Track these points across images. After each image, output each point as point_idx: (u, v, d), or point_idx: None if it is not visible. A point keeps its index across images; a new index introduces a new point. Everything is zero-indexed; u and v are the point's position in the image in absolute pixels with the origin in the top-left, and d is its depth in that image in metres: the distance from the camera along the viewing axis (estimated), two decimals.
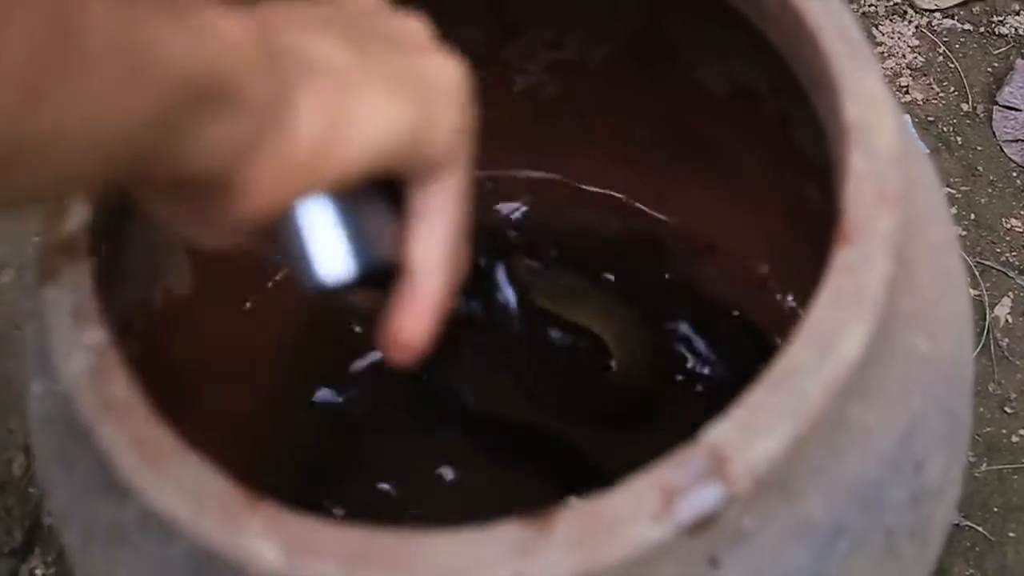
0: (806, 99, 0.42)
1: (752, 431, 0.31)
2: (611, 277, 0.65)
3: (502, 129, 0.66)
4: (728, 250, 0.64)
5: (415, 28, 0.35)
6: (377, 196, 0.35)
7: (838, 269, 0.33)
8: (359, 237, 0.33)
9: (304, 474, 0.61)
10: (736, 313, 0.65)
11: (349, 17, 0.34)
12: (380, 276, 0.35)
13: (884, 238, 0.33)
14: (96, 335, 0.35)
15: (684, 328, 0.64)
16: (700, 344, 0.64)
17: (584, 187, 0.66)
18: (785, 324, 0.60)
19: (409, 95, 0.32)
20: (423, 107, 0.33)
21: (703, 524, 0.31)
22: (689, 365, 0.63)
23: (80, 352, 0.35)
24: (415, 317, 0.35)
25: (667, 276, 0.65)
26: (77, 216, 0.37)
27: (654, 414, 0.62)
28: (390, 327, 0.35)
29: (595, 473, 0.60)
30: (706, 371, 0.64)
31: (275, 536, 0.31)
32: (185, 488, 0.32)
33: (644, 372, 0.64)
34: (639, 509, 0.30)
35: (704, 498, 0.30)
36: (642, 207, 0.66)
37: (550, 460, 0.62)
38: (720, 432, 0.31)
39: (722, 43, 0.55)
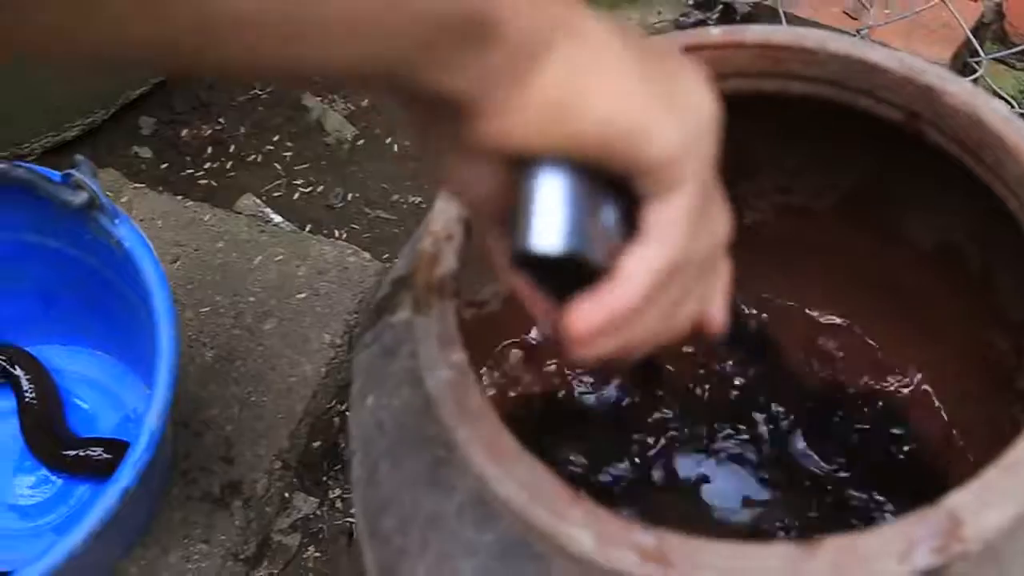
0: (1018, 259, 0.50)
1: (985, 503, 0.39)
2: None
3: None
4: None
5: (686, 61, 0.36)
6: (615, 209, 0.35)
7: None
8: (582, 225, 0.33)
9: None
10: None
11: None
12: (583, 275, 0.35)
13: None
14: (458, 356, 0.45)
15: None
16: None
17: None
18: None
19: (654, 92, 0.33)
20: (664, 110, 0.33)
21: (934, 572, 0.39)
22: None
23: (444, 368, 0.45)
24: (590, 312, 0.34)
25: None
26: (446, 265, 0.48)
27: None
28: (569, 308, 0.35)
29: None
30: None
31: (591, 527, 0.40)
32: (524, 482, 0.42)
33: None
34: (887, 549, 0.38)
35: (939, 551, 0.38)
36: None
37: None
38: (958, 499, 0.39)
39: (940, 202, 0.64)
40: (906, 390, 0.73)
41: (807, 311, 0.76)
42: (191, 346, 0.88)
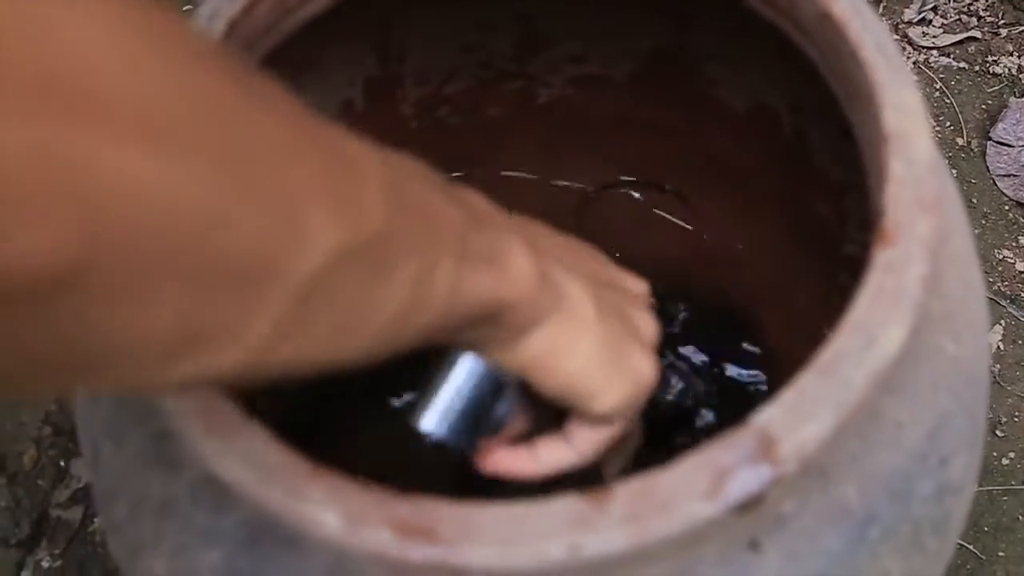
0: (829, 116, 0.44)
1: (799, 415, 0.32)
2: None
3: (523, 139, 0.68)
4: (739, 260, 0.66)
5: (640, 325, 0.42)
6: (513, 397, 0.40)
7: (879, 267, 0.35)
8: (468, 422, 0.39)
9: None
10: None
11: (589, 269, 0.42)
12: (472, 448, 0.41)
13: (922, 240, 0.35)
14: None
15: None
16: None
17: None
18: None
19: (611, 359, 0.39)
20: (614, 375, 0.39)
21: (750, 504, 0.32)
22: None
23: None
24: (498, 462, 0.41)
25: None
26: None
27: None
28: (485, 450, 0.41)
29: None
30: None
31: (336, 504, 0.32)
32: (249, 457, 0.33)
33: None
34: (691, 487, 0.32)
35: (752, 478, 0.32)
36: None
37: None
38: (769, 415, 0.32)
39: (746, 60, 0.57)
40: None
41: (631, 192, 0.69)
42: None
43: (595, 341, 0.38)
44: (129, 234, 0.20)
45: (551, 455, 0.41)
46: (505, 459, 0.41)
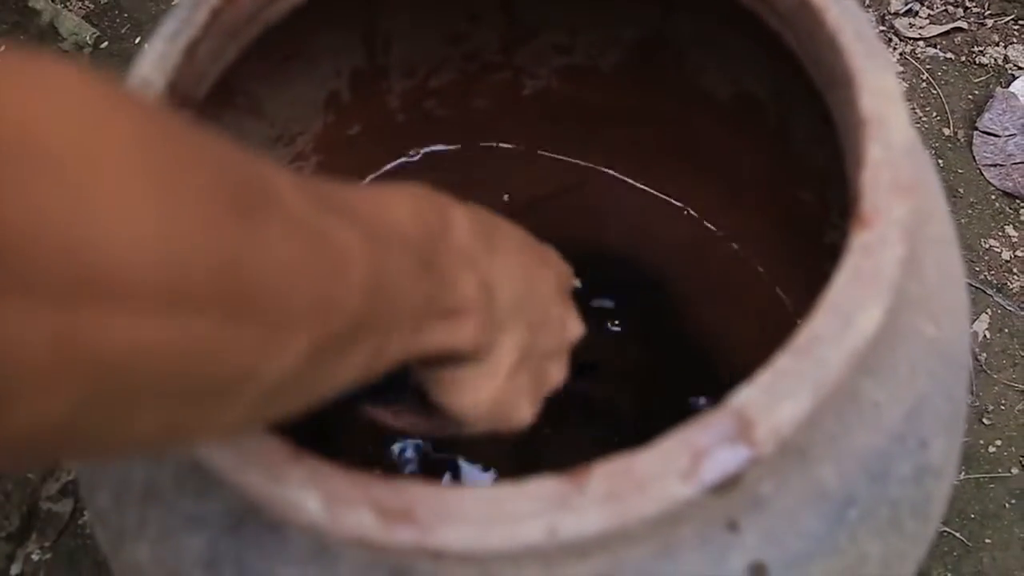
0: (810, 102, 0.44)
1: (777, 395, 0.32)
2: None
3: (511, 130, 0.68)
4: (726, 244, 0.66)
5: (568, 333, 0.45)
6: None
7: (856, 250, 0.35)
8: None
9: None
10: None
11: (537, 303, 0.43)
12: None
13: (899, 222, 0.35)
14: None
15: None
16: None
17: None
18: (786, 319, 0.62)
19: (496, 411, 0.41)
20: (488, 421, 0.41)
21: (727, 485, 0.32)
22: None
23: None
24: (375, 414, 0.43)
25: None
26: None
27: None
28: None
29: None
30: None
31: (316, 487, 0.32)
32: (230, 442, 0.33)
33: None
34: (668, 468, 0.32)
35: (730, 459, 0.32)
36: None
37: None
38: (746, 396, 0.33)
39: (729, 48, 0.57)
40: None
41: (627, 181, 0.69)
42: None
43: (493, 393, 0.40)
44: (130, 381, 0.21)
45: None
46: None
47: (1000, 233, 0.95)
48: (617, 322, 0.71)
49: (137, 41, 0.97)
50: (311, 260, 0.26)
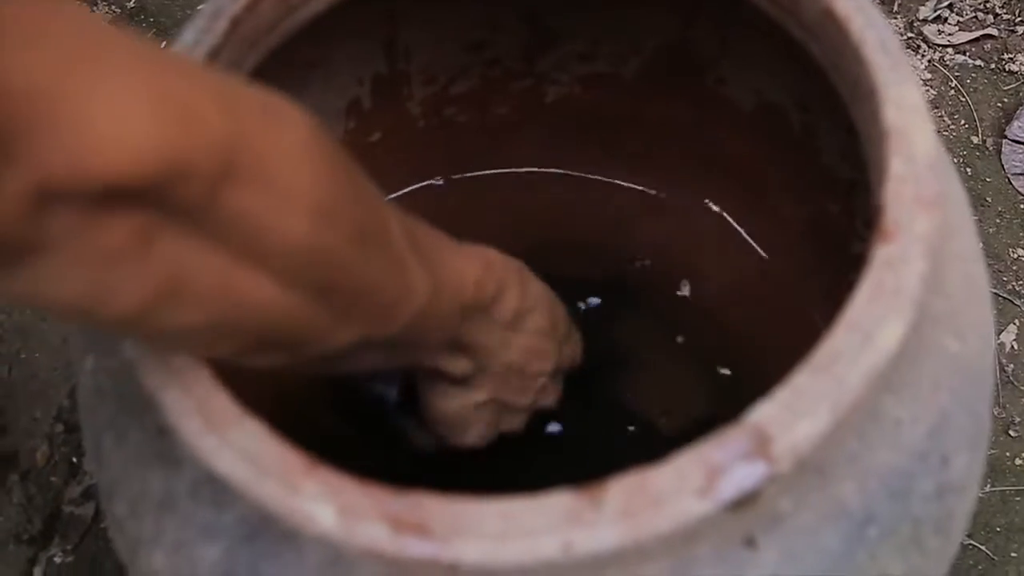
0: (835, 113, 0.44)
1: (795, 413, 0.32)
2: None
3: (531, 138, 0.68)
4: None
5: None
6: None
7: (878, 265, 0.34)
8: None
9: None
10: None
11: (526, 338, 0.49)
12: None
13: (922, 237, 0.35)
14: None
15: None
16: None
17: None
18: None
19: (488, 425, 0.52)
20: (484, 430, 0.52)
21: (744, 502, 0.32)
22: None
23: None
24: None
25: None
26: None
27: None
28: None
29: None
30: None
31: (330, 499, 0.32)
32: (245, 452, 0.33)
33: None
34: (684, 484, 0.32)
35: (747, 476, 0.32)
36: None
37: None
38: (764, 412, 0.32)
39: (752, 58, 0.57)
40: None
41: (643, 189, 0.69)
42: None
43: (459, 411, 0.48)
44: (235, 321, 0.32)
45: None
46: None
47: None
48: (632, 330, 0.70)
49: (163, 46, 0.98)
50: (389, 283, 0.35)
